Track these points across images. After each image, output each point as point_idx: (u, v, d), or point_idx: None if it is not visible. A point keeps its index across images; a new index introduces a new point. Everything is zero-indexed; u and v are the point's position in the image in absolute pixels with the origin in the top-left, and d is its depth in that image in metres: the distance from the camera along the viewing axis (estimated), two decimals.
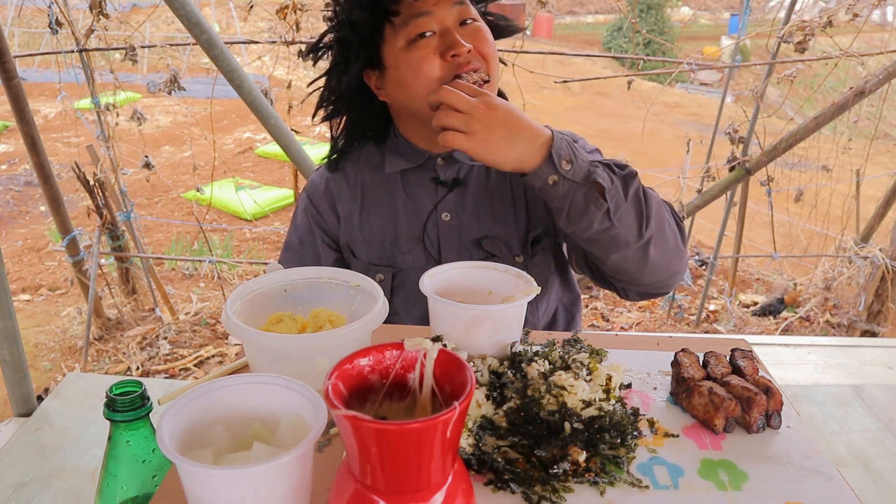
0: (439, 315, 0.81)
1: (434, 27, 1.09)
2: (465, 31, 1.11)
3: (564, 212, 0.97)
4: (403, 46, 1.09)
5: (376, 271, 1.19)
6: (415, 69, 1.08)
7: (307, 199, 1.27)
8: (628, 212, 0.97)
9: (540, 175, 0.95)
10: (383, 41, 1.13)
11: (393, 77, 1.13)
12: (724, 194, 3.18)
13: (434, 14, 1.09)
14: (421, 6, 1.09)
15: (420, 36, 1.08)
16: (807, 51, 2.66)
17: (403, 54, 1.09)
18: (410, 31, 1.08)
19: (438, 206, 1.18)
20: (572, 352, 0.80)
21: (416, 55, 1.08)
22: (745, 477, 0.65)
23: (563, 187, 0.95)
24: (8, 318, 2.06)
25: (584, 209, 0.95)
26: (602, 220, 0.96)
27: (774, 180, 3.32)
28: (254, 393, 0.59)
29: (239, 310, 0.79)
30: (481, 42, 1.11)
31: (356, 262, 1.22)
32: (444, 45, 1.08)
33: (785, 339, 3.16)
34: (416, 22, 1.08)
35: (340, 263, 1.25)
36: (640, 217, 0.98)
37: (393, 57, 1.11)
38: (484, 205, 1.18)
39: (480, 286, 0.88)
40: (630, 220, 0.97)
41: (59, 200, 2.79)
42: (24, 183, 6.18)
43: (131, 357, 3.16)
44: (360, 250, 1.21)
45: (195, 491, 0.52)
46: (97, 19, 2.51)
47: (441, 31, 1.09)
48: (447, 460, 0.52)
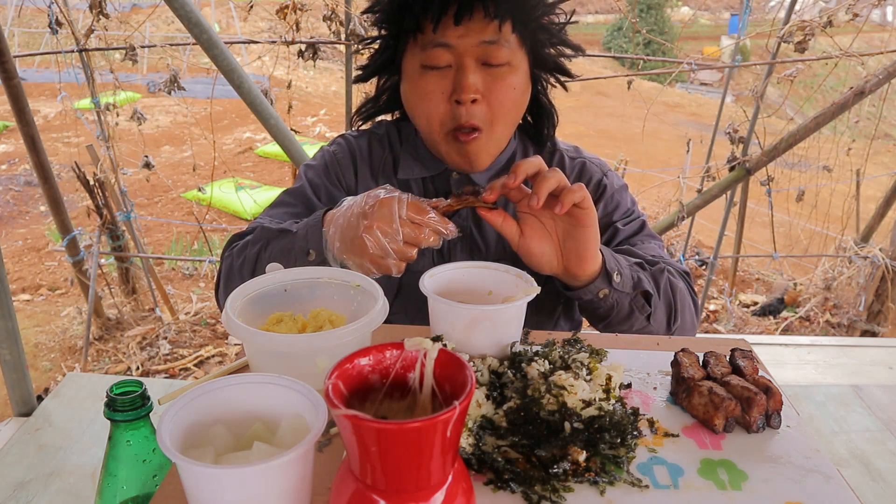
0: (439, 315, 0.81)
1: (451, 61, 1.02)
2: (485, 75, 1.02)
3: (608, 319, 1.01)
4: (418, 69, 1.04)
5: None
6: (419, 99, 1.05)
7: (333, 154, 1.21)
8: (661, 310, 1.02)
9: (591, 290, 0.97)
10: (406, 50, 1.08)
11: (405, 90, 1.09)
12: (724, 194, 3.18)
13: (454, 48, 1.01)
14: (441, 36, 1.01)
15: (435, 67, 1.02)
16: (807, 51, 2.66)
17: (416, 76, 1.04)
18: (426, 57, 1.02)
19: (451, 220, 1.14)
20: (572, 352, 0.80)
21: (425, 87, 1.03)
22: (744, 477, 0.65)
23: (612, 298, 0.98)
24: (8, 318, 2.06)
25: (629, 315, 1.00)
26: (642, 321, 1.01)
27: (774, 180, 3.33)
28: (254, 393, 0.59)
29: (239, 310, 0.79)
30: (495, 91, 1.03)
31: None
32: (453, 86, 1.02)
33: (785, 339, 3.17)
34: (433, 52, 1.01)
35: None
36: (671, 312, 1.04)
37: (408, 71, 1.07)
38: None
39: (480, 286, 0.88)
40: (662, 316, 1.03)
41: (59, 200, 2.79)
42: (24, 183, 6.18)
43: (131, 357, 3.16)
44: None
45: (195, 491, 0.52)
46: (97, 19, 2.51)
47: (458, 66, 1.02)
48: (447, 460, 0.52)
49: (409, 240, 0.86)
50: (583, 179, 1.19)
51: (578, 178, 1.19)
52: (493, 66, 1.02)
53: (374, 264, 0.87)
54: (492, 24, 1.00)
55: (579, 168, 1.20)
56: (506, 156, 1.17)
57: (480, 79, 1.02)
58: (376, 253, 0.86)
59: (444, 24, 1.00)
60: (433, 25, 1.00)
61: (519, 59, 1.05)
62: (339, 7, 2.49)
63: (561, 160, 1.21)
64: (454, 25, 0.99)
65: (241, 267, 1.04)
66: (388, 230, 0.85)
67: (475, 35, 1.00)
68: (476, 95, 1.01)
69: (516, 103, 1.07)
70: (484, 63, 1.02)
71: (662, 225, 3.15)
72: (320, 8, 2.55)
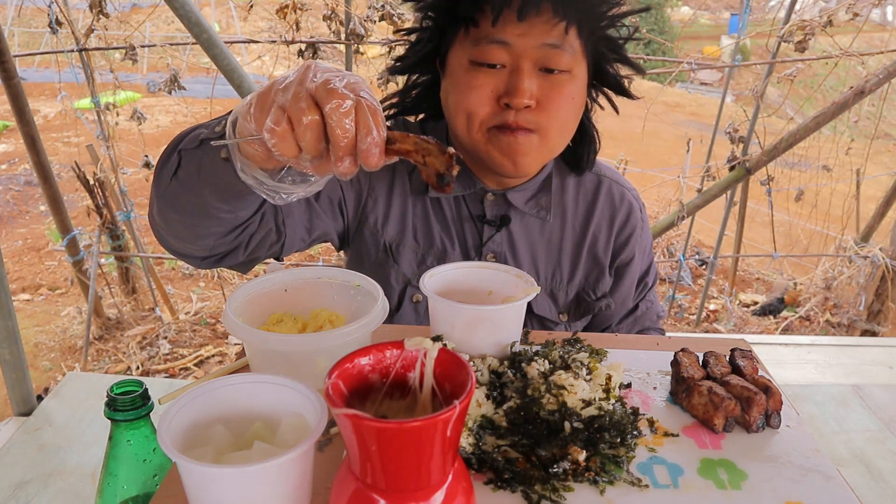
0: (439, 315, 0.81)
1: (506, 61, 0.92)
2: (543, 81, 0.93)
3: None
4: (466, 64, 0.94)
5: (414, 292, 1.07)
6: (464, 94, 0.94)
7: None
8: None
9: None
10: (453, 44, 0.98)
11: (446, 86, 1.00)
12: (724, 194, 3.18)
13: (511, 47, 0.91)
14: (499, 32, 0.91)
15: (486, 64, 0.93)
16: (807, 50, 2.66)
17: (462, 72, 0.95)
18: (477, 53, 0.93)
19: (485, 245, 1.07)
20: (572, 351, 0.80)
21: (472, 82, 0.93)
22: (744, 476, 0.65)
23: None
24: (8, 317, 2.06)
25: None
26: None
27: (774, 180, 3.33)
28: (254, 393, 0.59)
29: (239, 310, 0.79)
30: (552, 100, 0.93)
31: (395, 268, 1.07)
32: (505, 88, 0.92)
33: (785, 338, 3.17)
34: (487, 48, 0.92)
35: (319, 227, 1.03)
36: None
37: (453, 66, 0.97)
38: (536, 254, 1.10)
39: (480, 286, 0.88)
40: None
41: (59, 200, 2.79)
42: (24, 183, 6.18)
43: (131, 357, 3.15)
44: (405, 259, 1.08)
45: (196, 490, 0.52)
46: (97, 19, 2.51)
47: (513, 67, 0.92)
48: (447, 459, 0.52)
49: (297, 122, 0.60)
50: (629, 223, 1.14)
51: (627, 218, 1.14)
52: (552, 73, 0.93)
53: (257, 154, 0.65)
54: (558, 26, 0.91)
55: (628, 204, 1.15)
56: (541, 176, 1.10)
57: (537, 84, 0.92)
58: (280, 122, 0.60)
59: (506, 19, 0.90)
60: (493, 18, 0.90)
61: (580, 69, 0.96)
62: (339, 7, 2.48)
63: (610, 193, 1.14)
64: (517, 21, 0.90)
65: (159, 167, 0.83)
66: (268, 103, 0.62)
67: (538, 35, 0.91)
68: (531, 102, 0.92)
69: (572, 115, 0.98)
70: (542, 68, 0.93)
71: (662, 225, 3.15)
72: (320, 8, 2.55)
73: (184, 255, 0.92)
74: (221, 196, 0.78)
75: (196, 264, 0.94)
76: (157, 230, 0.90)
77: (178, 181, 0.79)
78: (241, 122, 0.65)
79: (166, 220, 0.85)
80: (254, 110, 0.63)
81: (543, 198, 1.10)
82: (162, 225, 0.87)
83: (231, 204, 0.80)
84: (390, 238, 1.08)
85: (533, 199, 1.09)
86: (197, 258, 0.92)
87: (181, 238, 0.88)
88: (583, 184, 1.14)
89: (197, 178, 0.77)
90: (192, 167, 0.77)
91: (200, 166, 0.75)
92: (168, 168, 0.80)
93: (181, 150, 0.78)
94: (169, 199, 0.82)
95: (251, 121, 0.63)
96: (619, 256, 1.14)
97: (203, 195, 0.78)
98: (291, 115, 0.60)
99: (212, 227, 0.84)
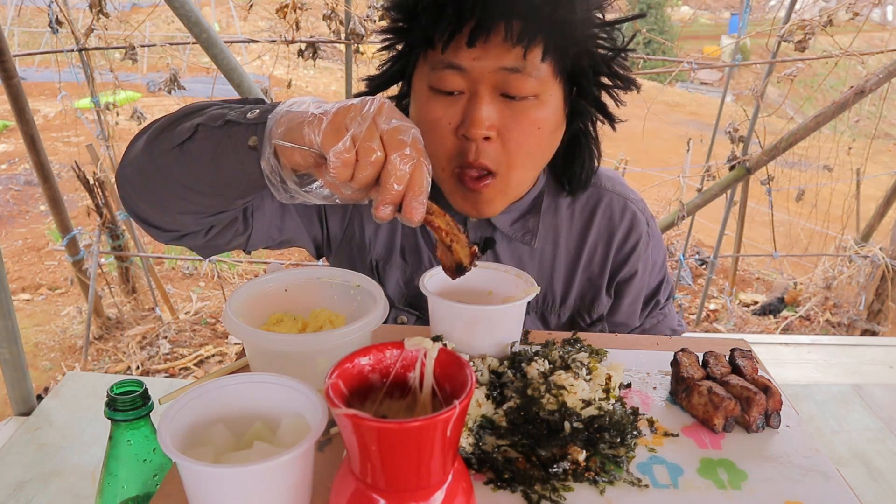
0: (439, 315, 0.81)
1: (463, 87, 0.85)
2: (503, 108, 0.85)
3: None
4: (426, 91, 0.88)
5: (398, 314, 1.04)
6: (425, 128, 0.87)
7: None
8: None
9: None
10: (415, 67, 0.92)
11: (412, 112, 0.94)
12: (724, 193, 3.18)
13: (467, 72, 0.84)
14: (452, 57, 0.84)
15: (444, 91, 0.86)
16: (807, 50, 2.66)
17: (424, 99, 0.89)
18: (434, 79, 0.86)
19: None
20: (572, 351, 0.80)
21: (432, 114, 0.87)
22: (744, 476, 0.65)
23: None
24: (8, 317, 2.06)
25: None
26: None
27: (775, 179, 3.33)
28: (254, 392, 0.59)
29: (239, 310, 0.79)
30: (513, 129, 0.86)
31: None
32: (461, 117, 0.86)
33: (785, 338, 3.17)
34: (442, 74, 0.85)
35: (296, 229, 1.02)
36: None
37: (416, 91, 0.92)
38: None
39: (480, 286, 0.88)
40: None
41: (59, 200, 2.79)
42: (24, 182, 6.18)
43: (131, 356, 3.16)
44: (392, 278, 1.04)
45: (196, 490, 0.52)
46: (97, 18, 2.51)
47: (471, 94, 0.85)
48: (447, 459, 0.52)
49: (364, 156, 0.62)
50: (631, 238, 1.06)
51: (628, 233, 1.06)
52: (515, 99, 0.85)
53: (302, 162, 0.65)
54: (515, 49, 0.82)
55: (631, 218, 1.07)
56: (531, 196, 1.02)
57: (496, 112, 0.85)
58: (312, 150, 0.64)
59: (457, 44, 0.83)
60: (442, 44, 0.84)
61: (550, 92, 0.87)
62: (339, 6, 2.48)
63: (610, 208, 1.06)
64: (467, 47, 0.83)
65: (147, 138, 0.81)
66: (341, 127, 0.63)
67: (494, 59, 0.83)
68: (489, 133, 0.85)
69: (541, 145, 0.90)
70: (503, 94, 0.85)
71: (663, 224, 3.15)
72: (320, 7, 2.55)
73: (147, 223, 0.88)
74: (226, 180, 0.76)
75: (156, 235, 0.90)
76: (127, 188, 0.84)
77: (182, 152, 0.76)
78: (306, 129, 0.65)
79: (145, 184, 0.81)
80: (326, 127, 0.63)
81: (531, 220, 1.03)
82: (137, 186, 0.83)
83: (232, 190, 0.77)
84: (378, 255, 1.05)
85: (519, 222, 1.02)
86: (160, 230, 0.88)
87: (153, 204, 0.84)
88: (578, 200, 1.06)
89: (210, 156, 0.74)
90: (207, 144, 0.74)
91: (218, 146, 0.73)
92: (174, 136, 0.76)
93: (199, 125, 0.75)
94: (160, 166, 0.78)
95: (318, 134, 0.64)
96: (619, 274, 1.07)
97: (205, 174, 0.76)
98: (360, 148, 0.62)
99: (192, 206, 0.81)
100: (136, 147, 0.82)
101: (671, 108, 9.90)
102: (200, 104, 0.80)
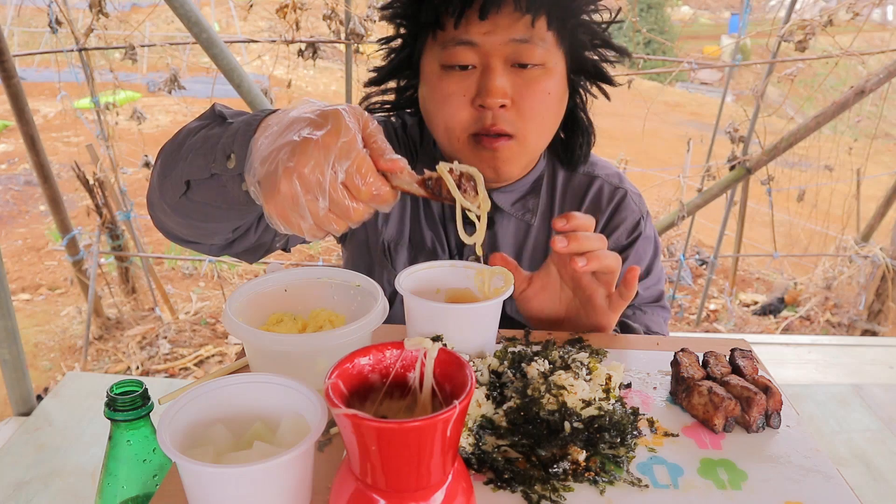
0: (413, 312, 0.80)
1: (475, 61, 0.91)
2: (516, 77, 0.91)
3: None
4: (438, 70, 0.93)
5: None
6: (439, 105, 0.93)
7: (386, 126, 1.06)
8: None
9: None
10: (424, 49, 0.96)
11: (422, 93, 0.98)
12: (724, 193, 3.18)
13: (479, 47, 0.90)
14: (464, 33, 0.89)
15: (457, 66, 0.91)
16: (807, 50, 2.66)
17: (436, 78, 0.93)
18: (446, 56, 0.91)
19: (467, 246, 1.05)
20: (572, 351, 0.80)
21: (446, 89, 0.92)
22: (744, 476, 0.65)
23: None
24: (8, 317, 2.06)
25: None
26: None
27: (775, 179, 3.33)
28: (254, 393, 0.59)
29: (239, 310, 0.79)
30: (526, 97, 0.91)
31: (388, 268, 1.07)
32: (478, 89, 0.91)
33: (785, 338, 3.17)
34: (454, 50, 0.90)
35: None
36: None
37: (427, 72, 0.96)
38: (521, 258, 1.07)
39: (458, 285, 0.87)
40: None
41: (59, 200, 2.80)
42: (23, 182, 6.18)
43: (131, 356, 3.16)
44: (400, 259, 1.07)
45: (196, 490, 0.52)
46: (97, 18, 2.51)
47: (483, 67, 0.91)
48: (447, 459, 0.52)
49: (337, 211, 0.62)
50: (618, 216, 1.08)
51: (615, 211, 1.09)
52: (525, 68, 0.91)
53: (281, 218, 0.63)
54: (524, 20, 0.89)
55: (619, 200, 1.09)
56: (532, 177, 1.07)
57: (509, 82, 0.90)
58: (287, 205, 0.61)
59: (468, 19, 0.89)
60: (454, 20, 0.89)
61: (555, 61, 0.93)
62: (339, 6, 2.48)
63: (599, 192, 1.10)
64: (479, 20, 0.88)
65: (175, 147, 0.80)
66: (310, 185, 0.60)
67: (504, 32, 0.89)
68: (504, 100, 0.90)
69: (551, 111, 0.95)
70: (514, 64, 0.91)
71: (663, 224, 3.15)
72: (320, 7, 2.55)
73: (191, 243, 0.91)
74: (238, 209, 0.76)
75: (204, 251, 0.93)
76: (162, 228, 0.89)
77: (190, 202, 0.77)
78: (253, 182, 0.64)
79: (177, 222, 0.84)
80: (264, 184, 0.62)
81: (531, 200, 1.06)
82: (170, 225, 0.86)
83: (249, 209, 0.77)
84: (389, 237, 1.08)
85: (520, 202, 1.06)
86: (206, 246, 0.91)
87: (190, 234, 0.87)
88: (572, 184, 1.10)
89: (220, 203, 0.75)
90: (209, 195, 0.75)
91: (223, 195, 0.73)
92: (176, 187, 0.77)
93: (189, 182, 0.75)
94: (180, 210, 0.80)
95: (264, 193, 0.63)
96: None
97: (217, 210, 0.77)
98: (313, 217, 0.62)
99: (227, 225, 0.83)
100: (153, 179, 0.83)
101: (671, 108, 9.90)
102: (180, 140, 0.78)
